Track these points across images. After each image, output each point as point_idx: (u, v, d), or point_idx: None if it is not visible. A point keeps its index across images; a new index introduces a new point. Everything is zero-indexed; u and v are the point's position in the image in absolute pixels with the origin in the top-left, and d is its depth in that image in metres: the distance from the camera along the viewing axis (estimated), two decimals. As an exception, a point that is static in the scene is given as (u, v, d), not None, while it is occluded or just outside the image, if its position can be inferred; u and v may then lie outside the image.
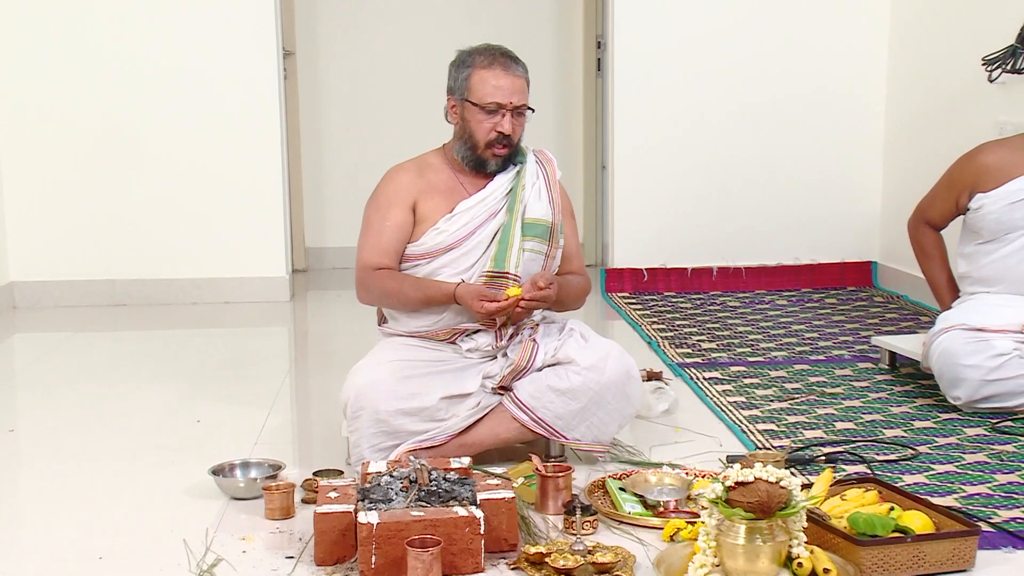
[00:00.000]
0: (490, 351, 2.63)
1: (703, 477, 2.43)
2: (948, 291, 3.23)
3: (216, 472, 2.49)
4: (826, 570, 1.87)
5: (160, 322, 4.57)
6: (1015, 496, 2.38)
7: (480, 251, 2.63)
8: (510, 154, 2.66)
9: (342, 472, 2.54)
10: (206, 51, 4.80)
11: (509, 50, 2.66)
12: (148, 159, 4.83)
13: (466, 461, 2.31)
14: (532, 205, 2.67)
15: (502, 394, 2.61)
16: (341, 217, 5.91)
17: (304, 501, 2.39)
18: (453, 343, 2.65)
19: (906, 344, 3.42)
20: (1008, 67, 3.85)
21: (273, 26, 4.82)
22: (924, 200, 3.33)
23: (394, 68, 5.85)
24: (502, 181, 2.68)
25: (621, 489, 2.38)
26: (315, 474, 2.52)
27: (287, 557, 2.11)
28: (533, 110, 2.67)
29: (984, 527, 2.17)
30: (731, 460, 2.58)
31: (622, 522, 2.25)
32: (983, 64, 3.95)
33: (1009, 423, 2.90)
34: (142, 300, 4.86)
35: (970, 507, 2.31)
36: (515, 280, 2.60)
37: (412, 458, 2.21)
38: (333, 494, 2.13)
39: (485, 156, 2.64)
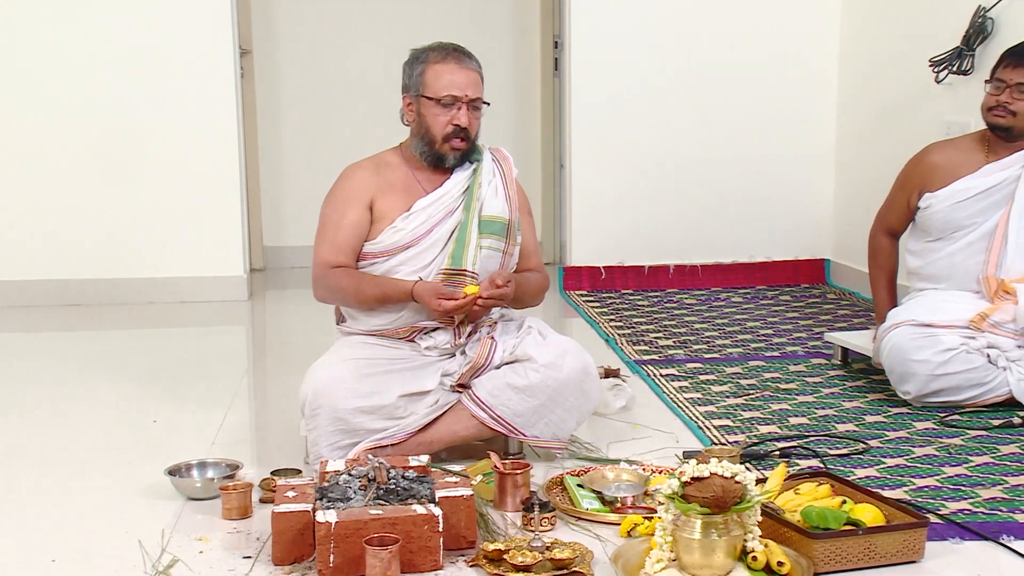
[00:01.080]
0: (449, 349, 2.64)
1: (660, 473, 2.46)
2: (887, 307, 3.29)
3: (172, 472, 2.47)
4: (780, 563, 1.91)
5: (115, 322, 4.52)
6: (962, 488, 2.44)
7: (437, 249, 2.63)
8: (468, 149, 2.66)
9: (300, 471, 2.53)
10: (162, 50, 4.75)
11: (462, 46, 2.67)
12: (101, 157, 4.77)
13: (424, 459, 2.31)
14: (489, 202, 2.67)
15: (460, 392, 2.62)
16: (299, 216, 5.88)
17: (262, 501, 2.39)
18: (412, 341, 2.65)
19: (858, 340, 3.48)
20: (954, 68, 3.93)
21: (230, 25, 4.79)
22: (882, 206, 3.39)
23: (352, 67, 5.83)
24: (459, 179, 2.68)
25: (579, 486, 2.40)
26: (273, 473, 2.51)
27: (244, 557, 2.11)
28: (488, 104, 2.68)
29: (933, 519, 2.21)
30: (687, 456, 2.61)
31: (580, 518, 2.27)
32: (930, 65, 4.03)
33: (957, 417, 2.96)
34: (96, 300, 4.80)
35: (919, 499, 2.36)
36: (472, 278, 2.61)
37: (370, 456, 2.21)
38: (291, 493, 2.12)
39: (443, 151, 2.64)
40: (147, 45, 4.74)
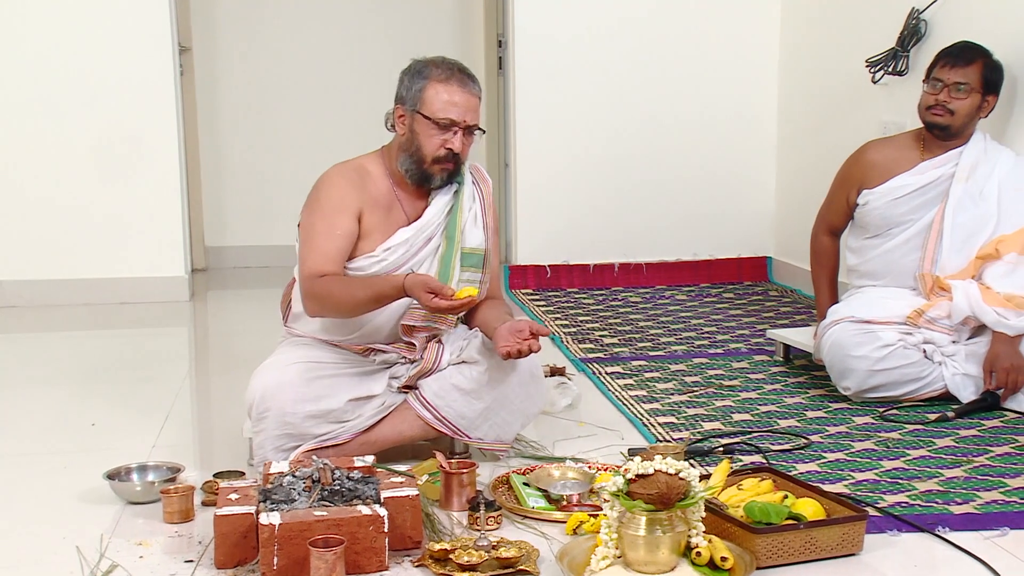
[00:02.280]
0: (400, 361, 2.62)
1: (605, 471, 2.47)
2: (828, 304, 3.33)
3: (111, 476, 2.43)
4: (723, 558, 1.93)
5: (52, 324, 4.43)
6: (900, 481, 2.48)
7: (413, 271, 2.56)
8: (454, 172, 2.58)
9: (244, 473, 2.51)
10: (97, 46, 4.66)
11: (466, 66, 2.57)
12: (36, 156, 4.67)
13: (370, 460, 2.30)
14: (469, 233, 2.61)
15: (407, 392, 2.61)
16: (242, 215, 5.82)
17: (204, 504, 2.36)
18: (365, 356, 2.62)
19: (799, 337, 3.53)
20: (890, 69, 4.01)
21: (168, 21, 4.71)
22: (823, 205, 3.44)
23: (293, 64, 5.78)
24: (440, 204, 2.60)
25: (525, 484, 2.40)
26: (216, 476, 2.48)
27: (186, 561, 2.08)
28: (484, 131, 2.59)
29: (871, 512, 2.25)
30: (632, 453, 2.63)
31: (526, 517, 2.27)
32: (867, 66, 4.10)
33: (895, 411, 3.02)
34: (32, 302, 4.70)
35: (858, 493, 2.40)
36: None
37: (315, 458, 2.19)
38: (234, 496, 2.10)
39: (431, 171, 2.55)
40: (83, 42, 4.65)
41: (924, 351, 3.09)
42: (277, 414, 2.44)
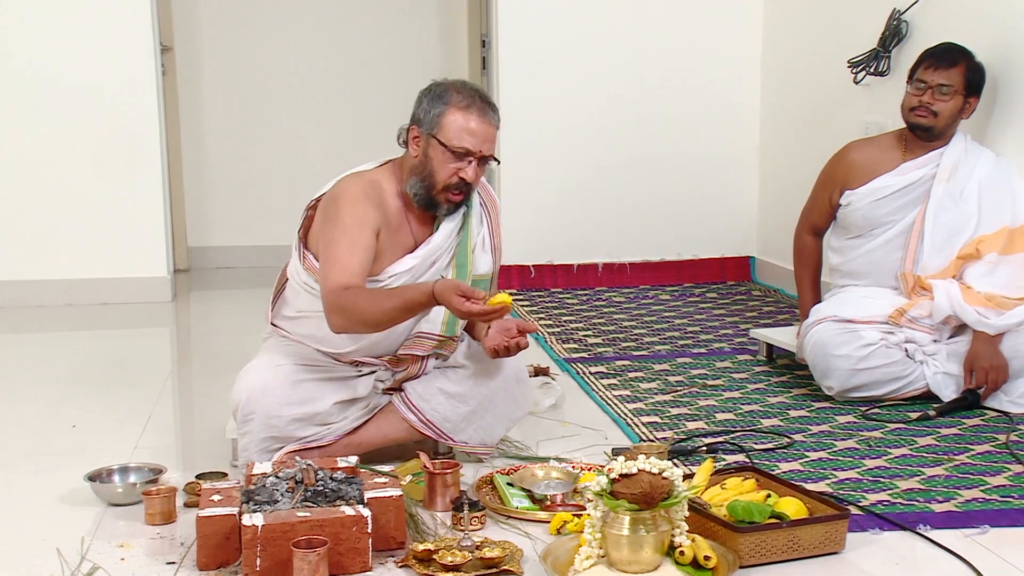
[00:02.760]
0: (384, 368, 2.61)
1: (589, 470, 2.47)
2: (810, 304, 3.35)
3: (93, 478, 2.42)
4: (707, 557, 1.93)
5: (33, 325, 4.40)
6: (881, 480, 2.50)
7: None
8: (463, 202, 2.52)
9: (226, 475, 2.50)
10: (79, 46, 4.63)
11: (487, 94, 2.52)
12: (18, 156, 4.64)
13: (353, 460, 2.30)
14: (479, 260, 2.57)
15: (391, 393, 2.60)
16: (225, 215, 5.79)
17: (187, 505, 2.35)
18: (351, 366, 2.58)
19: (782, 336, 3.54)
20: (871, 69, 4.03)
21: (149, 20, 4.69)
22: (806, 205, 3.46)
23: (277, 63, 5.76)
24: (447, 230, 2.53)
25: (509, 484, 2.40)
26: (198, 477, 2.47)
27: (168, 563, 2.07)
28: (499, 161, 2.52)
29: (854, 511, 2.26)
30: (616, 453, 2.63)
31: (510, 517, 2.27)
32: (849, 67, 4.12)
33: (877, 410, 3.03)
34: (13, 302, 4.66)
35: (841, 492, 2.41)
36: (458, 341, 2.57)
37: (298, 458, 2.18)
38: (216, 497, 2.09)
39: (439, 199, 2.47)
40: (64, 42, 4.63)
41: (906, 350, 3.11)
42: (263, 417, 2.43)
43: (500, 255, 2.65)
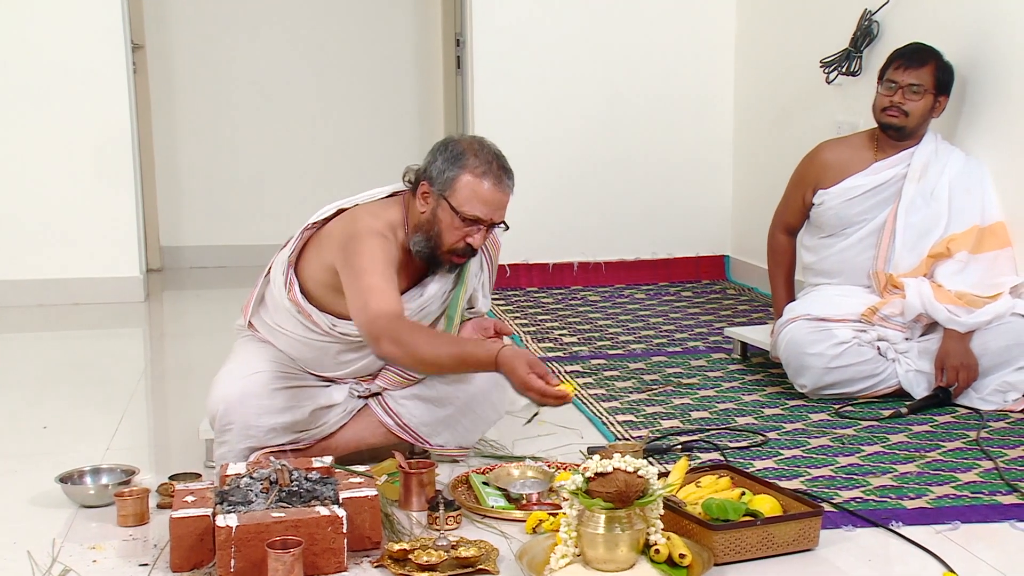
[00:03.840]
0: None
1: (565, 469, 2.47)
2: (784, 303, 3.37)
3: (64, 480, 2.39)
4: (681, 555, 1.94)
5: (3, 325, 4.35)
6: (855, 477, 2.52)
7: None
8: (465, 263, 2.47)
9: (200, 475, 2.48)
10: (48, 44, 4.59)
11: (504, 158, 2.43)
12: (-13, 154, 4.59)
13: (328, 460, 2.29)
14: (481, 306, 2.58)
15: (368, 398, 2.59)
16: (197, 215, 5.76)
17: (160, 506, 2.33)
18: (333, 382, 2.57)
19: (757, 335, 3.56)
20: (843, 69, 4.06)
21: (120, 17, 4.65)
22: (779, 204, 3.48)
23: (248, 61, 5.73)
24: (441, 284, 2.49)
25: (484, 483, 2.40)
26: (171, 478, 2.45)
27: (141, 565, 2.05)
28: (508, 227, 2.47)
29: (827, 508, 2.28)
30: (591, 451, 2.64)
31: (486, 516, 2.27)
32: (821, 66, 4.14)
33: (850, 408, 3.06)
34: (-18, 302, 4.62)
35: (814, 489, 2.43)
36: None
37: (272, 459, 2.17)
38: (190, 498, 2.07)
39: (442, 259, 2.42)
40: (33, 40, 4.58)
41: (878, 348, 3.13)
42: (241, 427, 2.41)
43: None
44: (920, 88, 3.17)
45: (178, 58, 5.66)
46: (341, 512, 2.01)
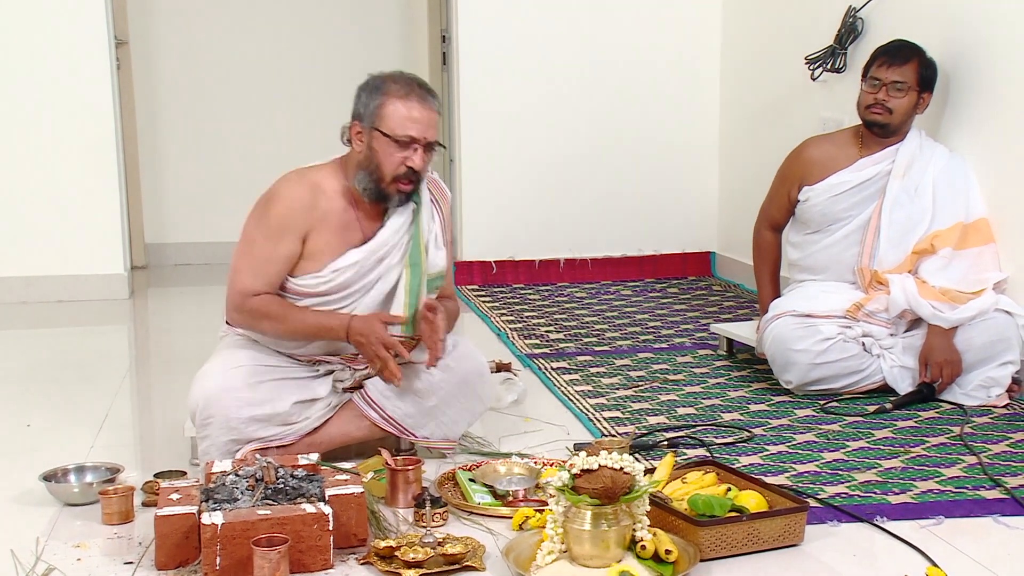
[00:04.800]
0: (341, 368, 2.59)
1: (551, 466, 2.48)
2: (770, 299, 3.38)
3: (48, 478, 2.38)
4: (668, 551, 1.94)
5: (-14, 323, 4.33)
6: (840, 472, 2.53)
7: (359, 296, 2.51)
8: (413, 191, 2.51)
9: (185, 473, 2.47)
10: (31, 39, 4.56)
11: (424, 81, 2.50)
12: (-31, 150, 4.56)
13: (314, 458, 2.28)
14: (434, 258, 2.57)
15: (352, 392, 2.59)
16: (182, 211, 5.73)
17: (145, 504, 2.32)
18: (310, 365, 2.57)
19: (742, 331, 3.57)
20: (828, 66, 4.07)
21: (103, 13, 4.62)
22: (765, 201, 3.49)
23: (233, 57, 5.70)
24: (395, 225, 2.52)
25: (471, 480, 2.40)
26: (156, 476, 2.44)
27: (126, 563, 2.04)
28: (444, 147, 2.53)
29: (812, 503, 2.29)
30: (577, 448, 2.64)
31: (472, 513, 2.27)
32: (806, 63, 4.16)
33: (835, 404, 3.07)
34: (-35, 300, 4.59)
35: (800, 484, 2.44)
36: (418, 341, 2.52)
37: (258, 456, 2.16)
38: (175, 496, 2.06)
39: (389, 190, 2.46)
40: (15, 36, 4.55)
41: (863, 344, 3.14)
42: (221, 420, 2.41)
43: (451, 249, 2.67)
44: (903, 85, 3.18)
45: (162, 54, 5.63)
46: (327, 509, 2.00)
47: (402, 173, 2.45)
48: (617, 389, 3.25)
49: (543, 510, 2.13)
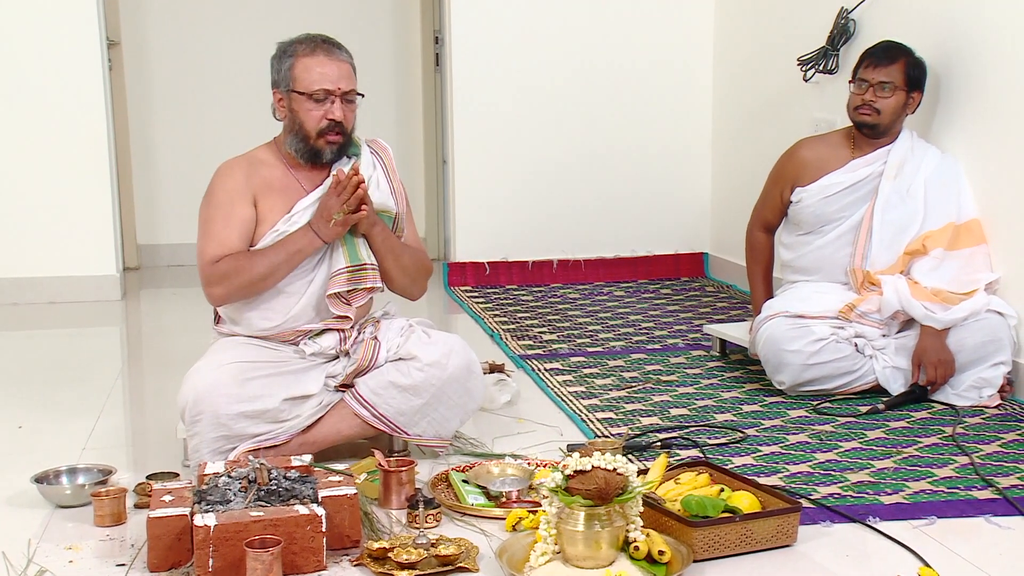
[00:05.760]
0: (333, 353, 2.60)
1: (544, 467, 2.48)
2: (763, 300, 3.39)
3: (40, 480, 2.37)
4: (661, 552, 1.94)
5: (-23, 324, 4.31)
6: (833, 473, 2.53)
7: (321, 249, 2.57)
8: (344, 143, 2.59)
9: (178, 475, 2.46)
10: (23, 40, 4.54)
11: (330, 37, 2.59)
12: (-39, 151, 4.54)
13: (307, 459, 2.28)
14: (373, 196, 2.61)
15: (344, 391, 2.59)
16: (175, 212, 5.71)
17: (137, 506, 2.31)
18: (296, 344, 2.60)
19: (735, 332, 3.57)
20: (821, 67, 4.08)
21: (95, 14, 4.61)
22: (757, 202, 3.49)
23: (226, 58, 5.69)
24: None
25: (464, 481, 2.40)
26: (149, 477, 2.43)
27: (118, 565, 2.04)
28: (363, 95, 2.61)
29: (805, 504, 2.29)
30: (571, 449, 2.64)
31: (465, 514, 2.27)
32: (799, 64, 4.17)
33: (828, 404, 3.07)
34: (-44, 301, 4.57)
35: (793, 485, 2.44)
36: (373, 269, 2.58)
37: (251, 458, 2.16)
38: (168, 497, 2.06)
39: (319, 145, 2.56)
40: (7, 36, 4.53)
41: (856, 345, 3.15)
42: (211, 416, 2.41)
43: (404, 198, 2.71)
44: (891, 85, 3.19)
45: (154, 55, 5.62)
46: (320, 511, 2.00)
47: (325, 127, 2.54)
48: (610, 390, 3.25)
49: (536, 511, 2.13)
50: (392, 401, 2.54)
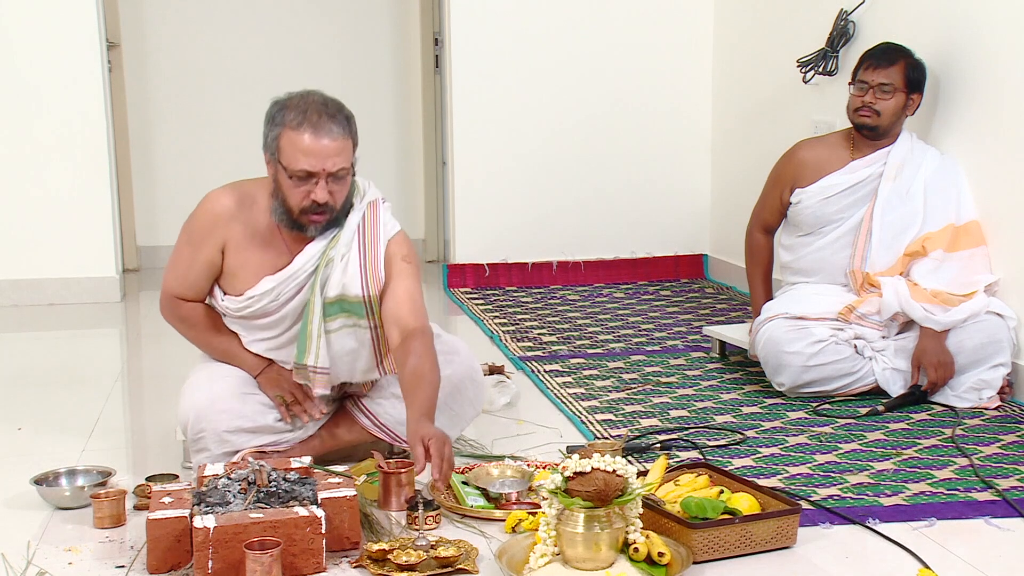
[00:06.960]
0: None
1: (544, 468, 2.48)
2: (762, 301, 3.39)
3: (39, 481, 2.37)
4: (660, 554, 1.94)
5: (-24, 326, 4.31)
6: (832, 475, 2.53)
7: (285, 325, 2.45)
8: (330, 220, 2.37)
9: (177, 476, 2.46)
10: (23, 41, 4.54)
11: (327, 103, 2.33)
12: (-40, 153, 4.54)
13: (307, 461, 2.28)
14: (331, 281, 2.39)
15: (345, 399, 2.59)
16: (174, 214, 5.67)
17: (137, 508, 2.31)
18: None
19: (735, 333, 3.57)
20: (820, 69, 4.08)
21: (95, 16, 4.61)
22: (757, 203, 3.49)
23: (226, 59, 5.69)
24: (312, 251, 2.40)
25: (464, 483, 2.40)
26: (148, 479, 2.43)
27: (118, 567, 2.04)
28: (355, 172, 2.39)
29: (805, 505, 2.29)
30: (570, 450, 2.64)
31: (465, 516, 2.27)
32: (798, 66, 4.17)
33: (828, 406, 3.07)
34: (-44, 303, 4.57)
35: (792, 487, 2.44)
36: (322, 373, 2.40)
37: (251, 459, 2.16)
38: (167, 499, 2.06)
39: (302, 221, 2.35)
40: (7, 37, 4.53)
41: (855, 346, 3.15)
42: (213, 435, 2.40)
43: (377, 282, 2.41)
44: (890, 87, 3.19)
45: (154, 57, 5.62)
46: (320, 512, 2.00)
47: (308, 206, 2.33)
48: (610, 392, 3.25)
49: (536, 513, 2.13)
50: (393, 411, 2.54)
